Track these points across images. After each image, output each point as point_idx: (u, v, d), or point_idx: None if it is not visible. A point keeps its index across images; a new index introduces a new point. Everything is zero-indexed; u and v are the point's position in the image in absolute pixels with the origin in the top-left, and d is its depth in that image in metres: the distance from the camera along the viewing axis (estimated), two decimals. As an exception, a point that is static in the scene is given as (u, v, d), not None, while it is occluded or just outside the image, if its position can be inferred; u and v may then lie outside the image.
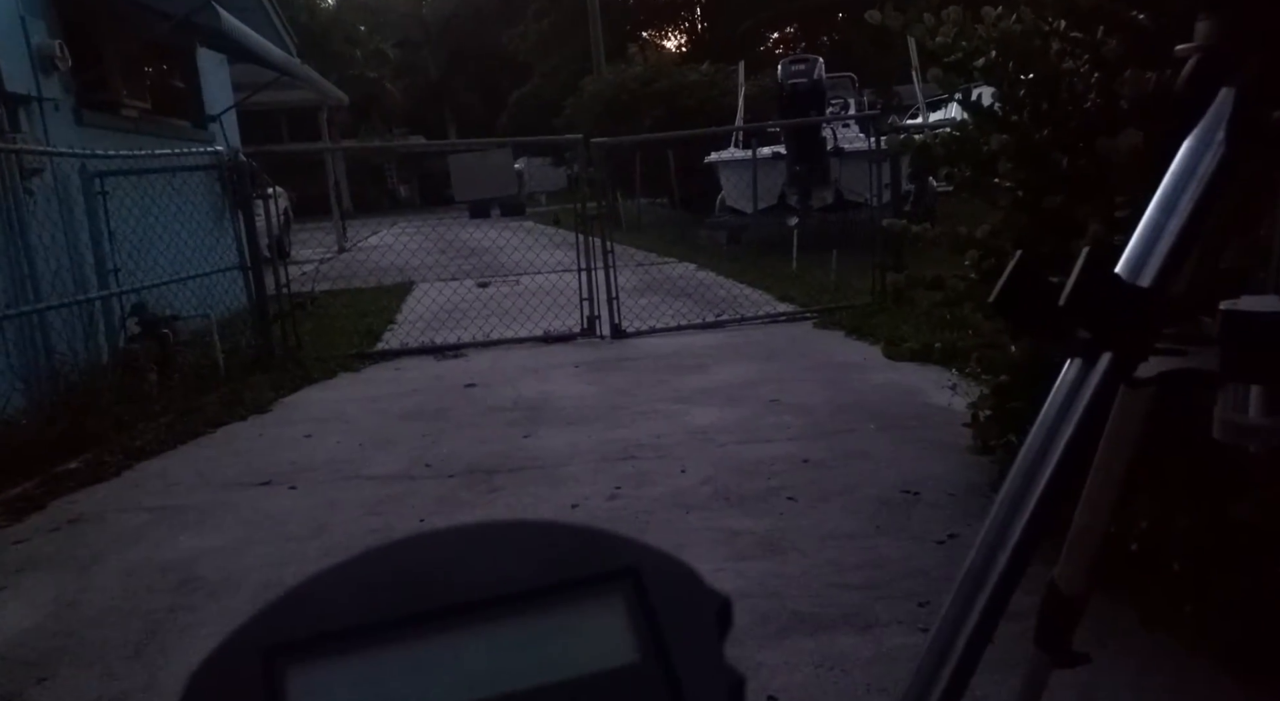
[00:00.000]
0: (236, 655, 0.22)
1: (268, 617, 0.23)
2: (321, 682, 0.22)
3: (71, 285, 5.16)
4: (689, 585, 0.24)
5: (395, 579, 0.24)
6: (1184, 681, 2.00)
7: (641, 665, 0.22)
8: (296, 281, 6.57)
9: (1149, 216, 0.67)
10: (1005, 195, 2.52)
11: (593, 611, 0.23)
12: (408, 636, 0.23)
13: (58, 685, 2.26)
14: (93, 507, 3.52)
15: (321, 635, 0.22)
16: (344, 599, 0.23)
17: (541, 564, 0.24)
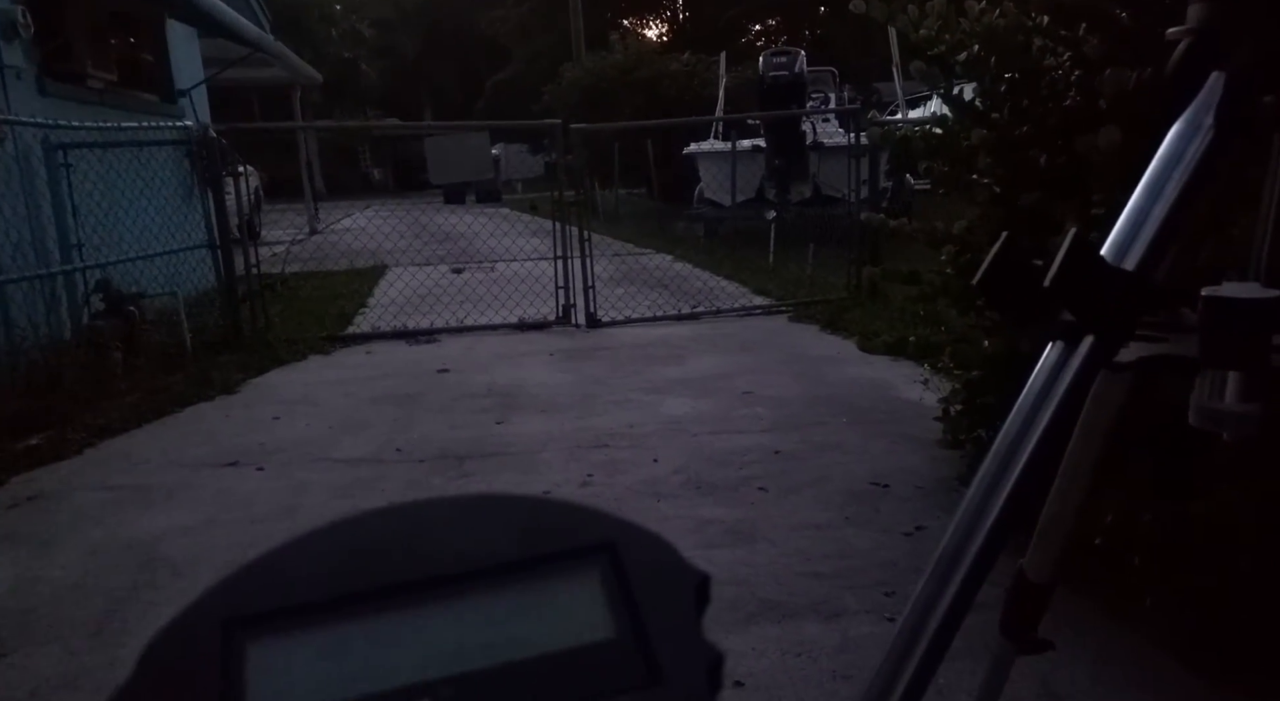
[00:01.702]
0: (195, 626, 0.21)
1: (228, 589, 0.22)
2: (282, 657, 0.21)
3: (33, 259, 5.05)
4: (667, 561, 0.23)
5: (362, 551, 0.23)
6: (1142, 672, 2.04)
7: (617, 641, 0.22)
8: (266, 262, 6.48)
9: (1135, 200, 0.67)
10: (982, 191, 2.54)
11: (567, 586, 0.23)
12: (373, 611, 0.22)
13: (17, 662, 2.22)
14: (54, 485, 3.46)
15: (283, 608, 0.21)
16: (307, 571, 0.22)
17: (515, 537, 0.23)
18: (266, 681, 0.20)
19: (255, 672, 0.20)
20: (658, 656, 0.21)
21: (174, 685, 0.20)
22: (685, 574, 0.23)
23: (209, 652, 0.21)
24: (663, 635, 0.22)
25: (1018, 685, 1.87)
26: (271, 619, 0.21)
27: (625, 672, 0.21)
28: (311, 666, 0.21)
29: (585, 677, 0.21)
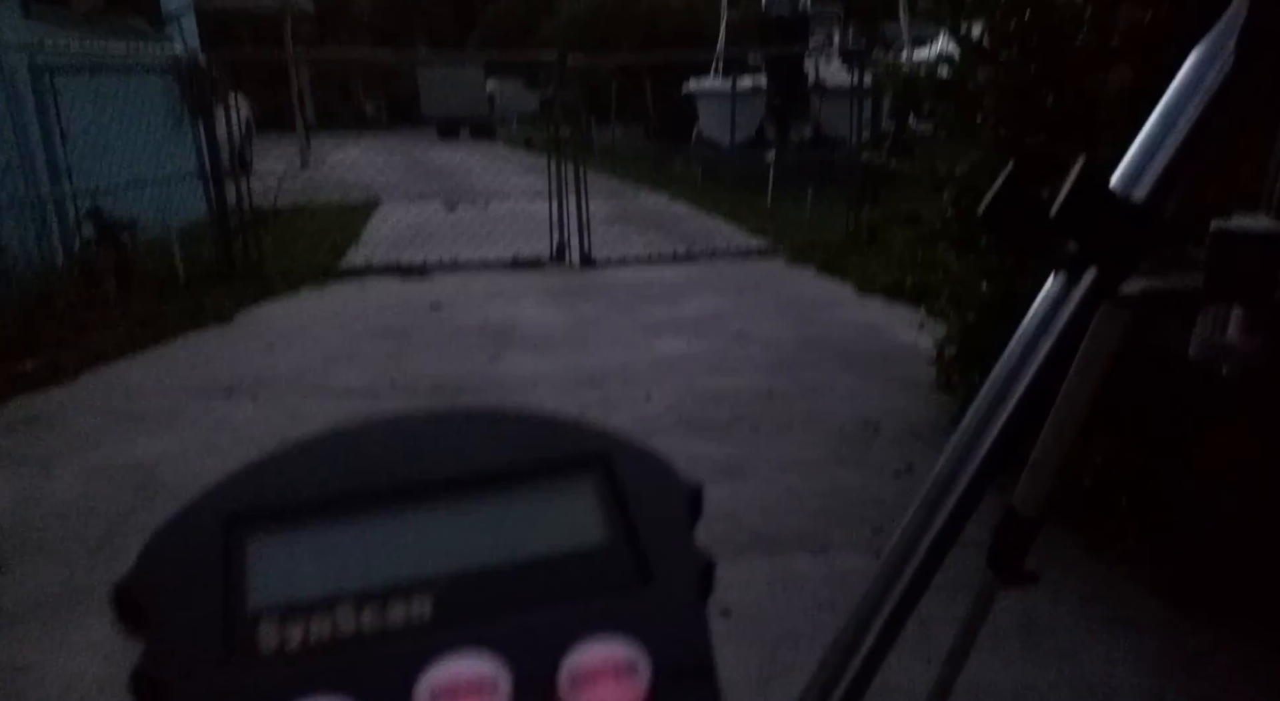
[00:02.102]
0: (197, 521, 0.22)
1: (229, 487, 0.22)
2: (282, 552, 0.21)
3: (22, 183, 4.98)
4: (660, 472, 0.24)
5: (362, 455, 0.23)
6: (1124, 609, 2.09)
7: (611, 545, 0.22)
8: (258, 194, 6.39)
9: (1148, 130, 0.66)
10: (987, 133, 2.51)
11: (562, 494, 0.23)
12: (373, 511, 0.22)
13: (19, 576, 2.25)
14: (50, 409, 3.46)
15: (283, 506, 0.22)
16: (307, 473, 0.23)
17: (512, 448, 0.24)
18: (268, 574, 0.21)
19: (256, 566, 0.21)
20: (650, 560, 0.22)
21: (177, 576, 0.21)
22: (678, 484, 0.24)
23: (211, 546, 0.21)
24: (655, 540, 0.22)
25: (1001, 618, 1.92)
26: (272, 515, 0.22)
27: (618, 575, 0.22)
28: (311, 561, 0.21)
29: (579, 578, 0.22)
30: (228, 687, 0.19)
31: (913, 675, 1.78)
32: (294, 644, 0.20)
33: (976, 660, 1.57)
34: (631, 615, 0.21)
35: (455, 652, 0.20)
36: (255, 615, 0.20)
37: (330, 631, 0.20)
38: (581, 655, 0.20)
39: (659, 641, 0.20)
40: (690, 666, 0.21)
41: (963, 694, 1.69)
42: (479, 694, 0.19)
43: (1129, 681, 1.84)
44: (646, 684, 0.20)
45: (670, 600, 0.21)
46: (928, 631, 1.94)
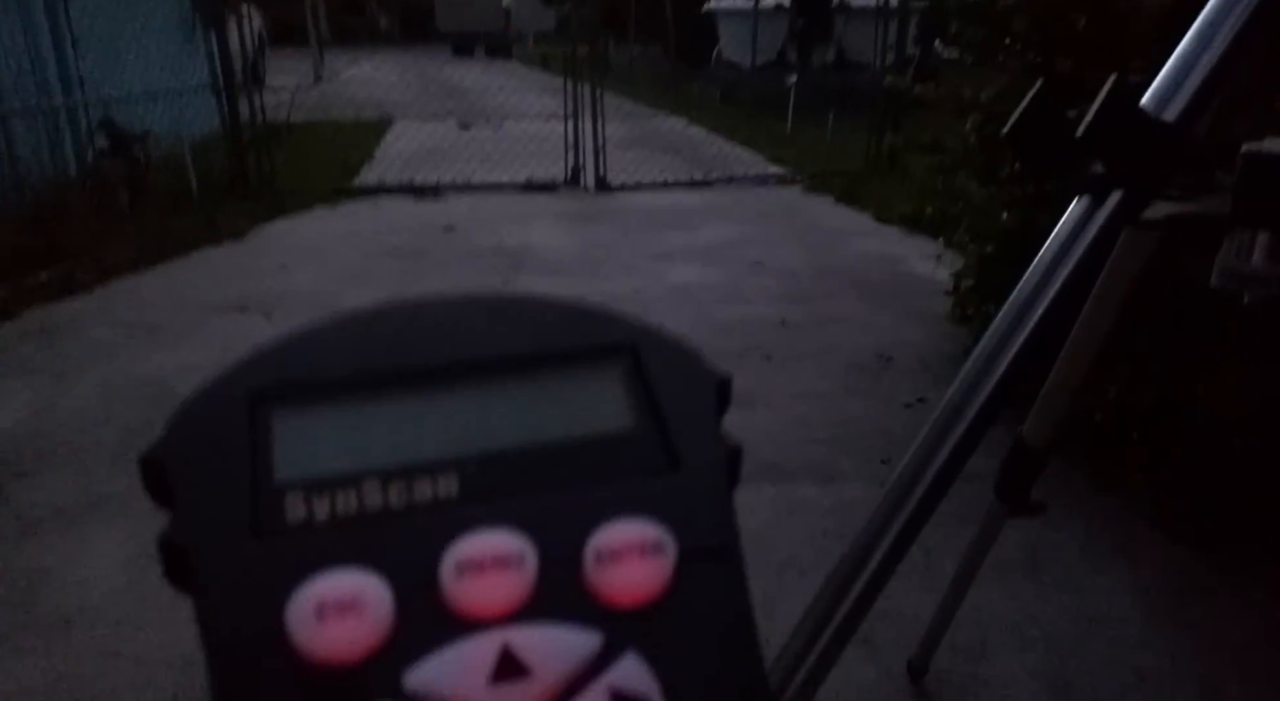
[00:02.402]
0: (222, 395, 0.21)
1: (255, 363, 0.22)
2: (308, 428, 0.21)
3: (34, 91, 4.92)
4: (688, 362, 0.24)
5: (390, 336, 0.23)
6: (1127, 541, 2.11)
7: (638, 431, 0.22)
8: (271, 110, 6.31)
9: (1182, 48, 0.64)
10: (1015, 58, 2.44)
11: (591, 380, 0.23)
12: (399, 391, 0.22)
13: (38, 482, 2.30)
14: (66, 320, 3.49)
15: (310, 383, 0.22)
16: (334, 351, 0.22)
17: (542, 333, 0.23)
18: (293, 449, 0.21)
19: (282, 440, 0.21)
20: (677, 447, 0.22)
21: (203, 448, 0.20)
22: (706, 374, 0.23)
23: (237, 420, 0.21)
24: (682, 428, 0.22)
25: (1005, 548, 1.94)
26: (298, 392, 0.22)
27: (645, 460, 0.22)
28: (337, 438, 0.21)
29: (606, 462, 0.21)
30: (254, 556, 0.19)
31: (916, 602, 1.81)
32: (320, 517, 0.20)
33: (979, 589, 1.59)
34: (658, 499, 0.21)
35: (481, 528, 0.20)
36: (281, 488, 0.20)
37: (356, 506, 0.20)
38: (607, 534, 0.20)
39: (685, 524, 0.20)
40: (716, 549, 0.21)
41: (965, 621, 1.73)
42: (505, 568, 0.19)
43: (1128, 612, 1.87)
44: (672, 563, 0.20)
45: (697, 486, 0.21)
46: (931, 561, 1.97)
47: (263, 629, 0.18)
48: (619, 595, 0.19)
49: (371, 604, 0.18)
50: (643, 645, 0.19)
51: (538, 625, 0.19)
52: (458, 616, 0.19)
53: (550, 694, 0.18)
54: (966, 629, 1.77)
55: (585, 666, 0.18)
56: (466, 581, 0.19)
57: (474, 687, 0.18)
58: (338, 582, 0.18)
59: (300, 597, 0.18)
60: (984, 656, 1.74)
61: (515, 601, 0.19)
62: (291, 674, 0.18)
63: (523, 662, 0.18)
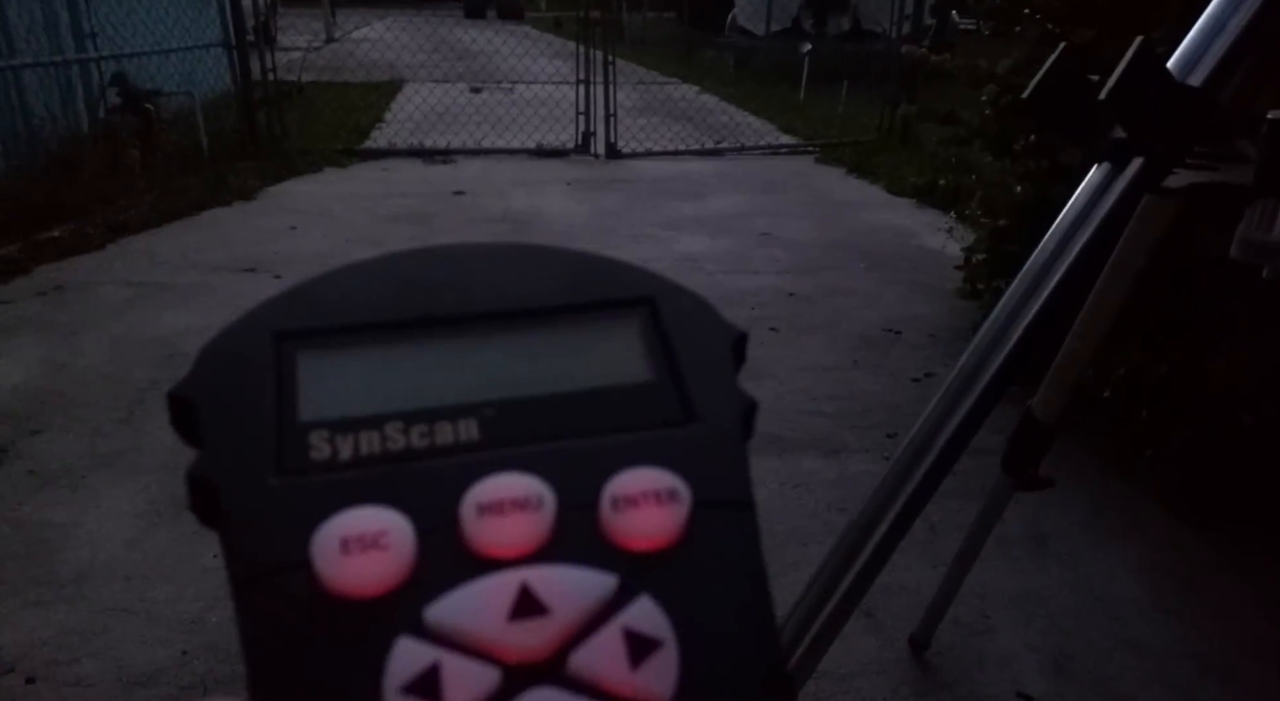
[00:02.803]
0: (248, 335, 0.22)
1: (280, 304, 0.22)
2: (332, 370, 0.22)
3: (46, 44, 4.89)
4: (706, 316, 0.24)
5: (414, 282, 0.23)
6: (1132, 519, 2.11)
7: (655, 383, 0.22)
8: (283, 69, 6.26)
9: (1211, 10, 0.62)
10: (1034, 28, 2.40)
11: (609, 331, 0.23)
12: (422, 337, 0.22)
13: (50, 438, 2.32)
14: (77, 277, 3.50)
15: (335, 326, 0.22)
16: (358, 295, 0.23)
17: (563, 284, 0.24)
18: (318, 390, 0.21)
19: (306, 381, 0.21)
20: (693, 399, 0.22)
21: (229, 386, 0.21)
22: (724, 329, 0.24)
23: (263, 360, 0.21)
24: (699, 381, 0.22)
25: (1009, 524, 1.95)
26: (323, 334, 0.22)
27: (662, 411, 0.22)
28: (361, 381, 0.22)
29: (623, 412, 0.22)
30: (279, 493, 0.19)
31: (919, 576, 1.82)
32: (344, 455, 0.20)
33: (982, 565, 1.60)
34: (674, 449, 0.21)
35: (501, 472, 0.20)
36: (306, 426, 0.21)
37: (379, 446, 0.20)
38: (623, 481, 0.20)
39: (700, 474, 0.21)
40: (730, 499, 0.21)
41: (968, 595, 1.74)
42: (524, 510, 0.19)
43: (1131, 590, 1.87)
44: (687, 511, 0.20)
45: (712, 437, 0.22)
46: (936, 536, 1.98)
47: (288, 562, 0.18)
48: (634, 540, 0.20)
49: (394, 540, 0.19)
50: (657, 588, 0.19)
51: (556, 566, 0.19)
52: (477, 555, 0.19)
53: (567, 631, 0.18)
54: (969, 603, 1.78)
55: (601, 607, 0.19)
56: (486, 522, 0.19)
57: (493, 623, 0.18)
58: (362, 518, 0.19)
59: (325, 532, 0.19)
60: (986, 631, 1.75)
61: (534, 542, 0.19)
62: (315, 605, 0.18)
63: (541, 601, 0.18)
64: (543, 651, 0.18)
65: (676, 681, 0.18)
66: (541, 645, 0.18)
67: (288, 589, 0.18)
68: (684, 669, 0.18)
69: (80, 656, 1.59)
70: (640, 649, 0.18)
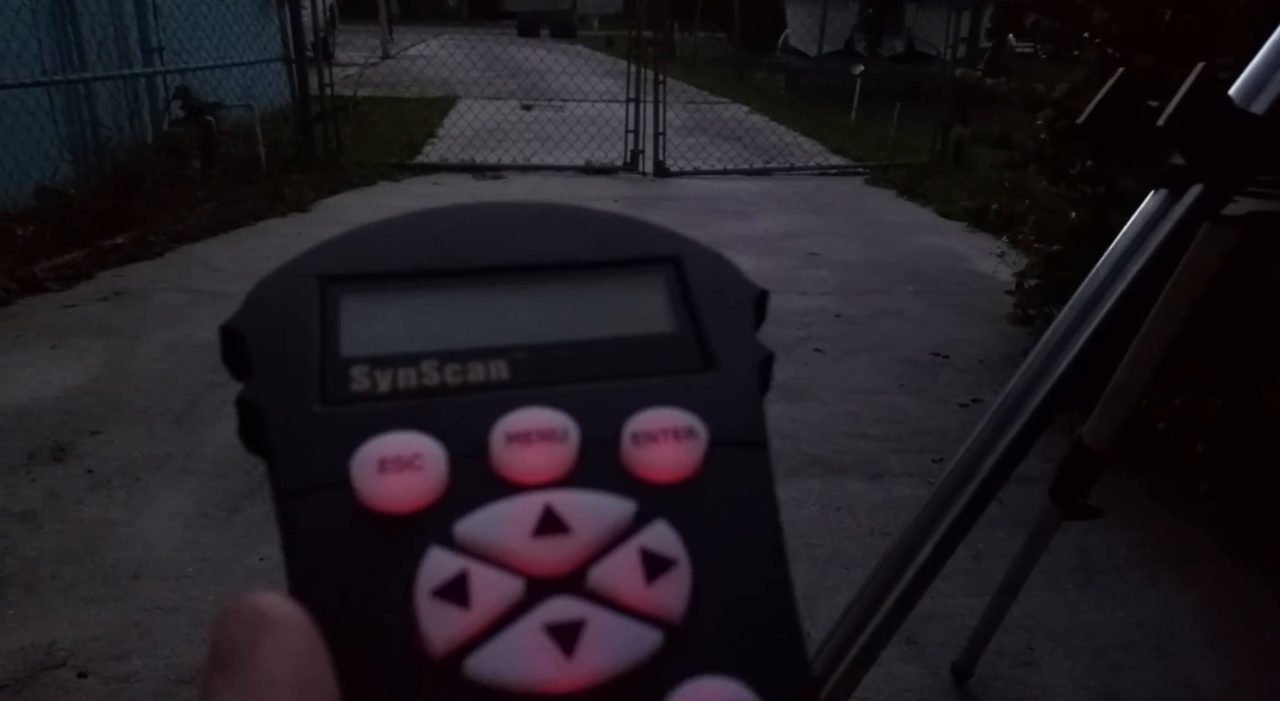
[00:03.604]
0: (294, 278, 0.23)
1: (325, 251, 0.24)
2: (373, 311, 0.23)
3: (116, 59, 5.07)
4: (729, 274, 0.25)
5: (450, 234, 0.25)
6: (1184, 555, 2.05)
7: (678, 334, 0.24)
8: (340, 83, 6.40)
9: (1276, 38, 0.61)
10: (1093, 51, 2.36)
11: (634, 285, 0.25)
12: (458, 285, 0.24)
13: (108, 438, 2.38)
14: (138, 283, 3.60)
15: (375, 272, 0.24)
16: (397, 245, 0.24)
17: (592, 240, 0.25)
18: (359, 328, 0.23)
19: (349, 320, 0.23)
20: (713, 349, 0.23)
21: (277, 322, 0.22)
22: (746, 286, 0.25)
23: (308, 300, 0.23)
24: (719, 333, 0.24)
25: (1056, 555, 1.90)
26: (363, 279, 0.24)
27: (683, 359, 0.23)
28: (399, 322, 0.23)
29: (646, 358, 0.23)
30: (322, 419, 0.21)
31: (963, 604, 1.79)
32: (383, 387, 0.22)
33: (1028, 595, 1.57)
34: (693, 392, 0.22)
35: (529, 407, 0.21)
36: (348, 361, 0.22)
37: (416, 380, 0.22)
38: (644, 419, 0.21)
39: (717, 417, 0.22)
40: (745, 440, 0.22)
41: (1013, 626, 1.70)
42: (550, 441, 0.21)
43: (1185, 626, 1.82)
44: (703, 448, 0.21)
45: (730, 384, 0.23)
46: (980, 564, 1.94)
47: (329, 480, 0.20)
48: (653, 472, 0.21)
49: (428, 462, 0.20)
50: (673, 516, 0.20)
51: (578, 491, 0.20)
52: (505, 479, 0.20)
53: (587, 549, 0.19)
54: (1014, 634, 1.74)
55: (620, 528, 0.20)
56: (514, 449, 0.20)
57: (518, 539, 0.19)
58: (398, 441, 0.20)
59: (364, 453, 0.20)
60: (1030, 663, 1.71)
61: (558, 469, 0.20)
62: (354, 518, 0.19)
63: (563, 520, 0.20)
64: (564, 565, 0.19)
65: (689, 597, 0.19)
66: (562, 559, 0.19)
67: (329, 504, 0.19)
68: (696, 586, 0.19)
69: (130, 653, 1.63)
70: (655, 566, 0.19)
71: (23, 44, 4.15)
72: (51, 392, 2.62)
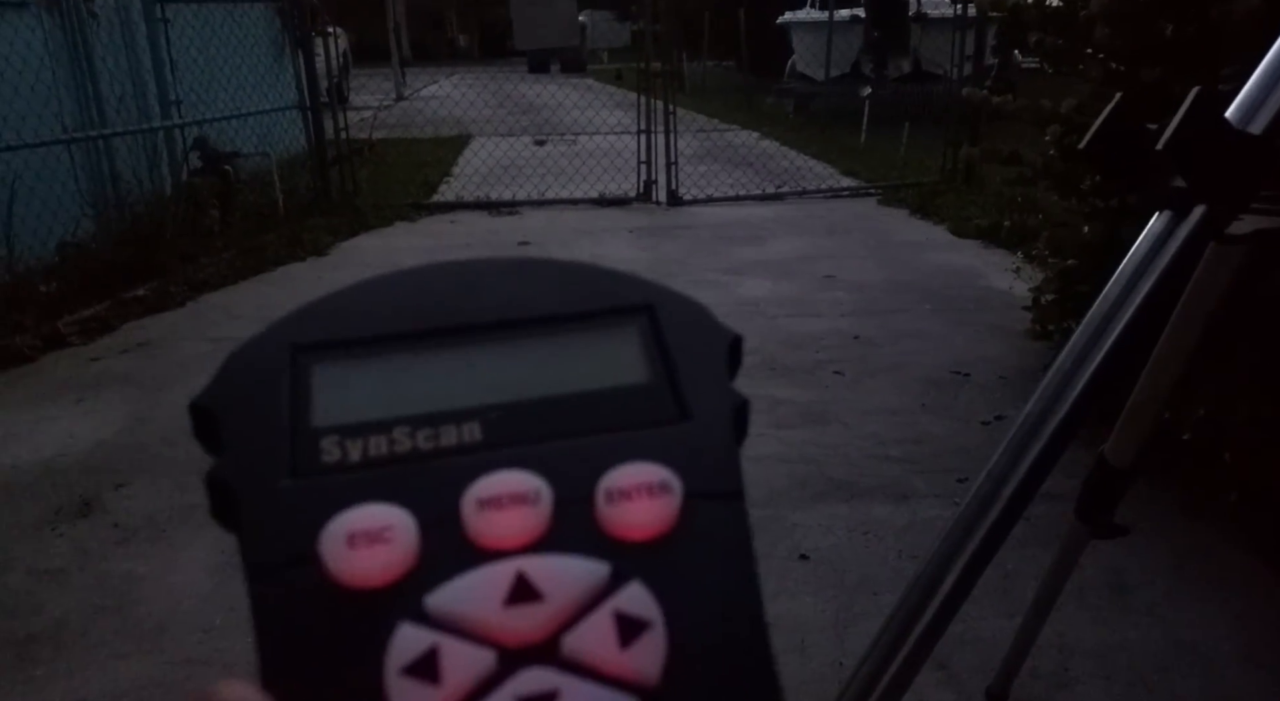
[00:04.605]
0: (265, 349, 0.23)
1: (295, 320, 0.24)
2: (344, 379, 0.23)
3: (135, 113, 5.18)
4: (702, 321, 0.25)
5: (421, 295, 0.25)
6: (1221, 569, 2.01)
7: (652, 385, 0.23)
8: (354, 127, 6.51)
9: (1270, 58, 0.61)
10: (1097, 67, 2.37)
11: (608, 337, 0.25)
12: (429, 347, 0.24)
13: (134, 492, 2.41)
14: (160, 334, 3.65)
15: (346, 338, 0.24)
16: (369, 309, 0.24)
17: (564, 293, 0.25)
18: (330, 398, 0.22)
19: (320, 390, 0.23)
20: (688, 398, 0.23)
21: (247, 395, 0.22)
22: (719, 332, 0.25)
23: (279, 371, 0.23)
24: (693, 381, 0.23)
25: (1088, 572, 1.88)
26: (335, 346, 0.23)
27: (657, 411, 0.23)
28: (371, 389, 0.23)
29: (620, 411, 0.23)
30: (292, 493, 0.21)
31: (995, 628, 1.76)
32: (353, 457, 0.21)
33: (1061, 614, 1.54)
34: (667, 445, 0.22)
35: (501, 469, 0.21)
36: (318, 432, 0.22)
37: (388, 448, 0.22)
38: (618, 475, 0.21)
39: (692, 469, 0.22)
40: (721, 493, 0.22)
41: (1046, 646, 1.68)
42: (522, 504, 0.20)
43: (1221, 641, 1.78)
44: (678, 503, 0.21)
45: (705, 435, 0.23)
46: (1011, 585, 1.91)
47: (298, 556, 0.20)
48: (627, 530, 0.21)
49: (397, 533, 0.20)
50: (648, 575, 0.20)
51: (551, 555, 0.20)
52: (477, 547, 0.20)
53: (560, 616, 0.19)
54: (1048, 655, 1.71)
55: (593, 592, 0.20)
56: (486, 515, 0.20)
57: (490, 609, 0.19)
58: (367, 514, 0.20)
59: (332, 527, 0.20)
60: (1066, 684, 1.68)
61: (530, 534, 0.20)
62: (324, 596, 0.19)
63: (535, 587, 0.19)
64: (537, 634, 0.19)
65: (664, 660, 0.19)
66: (535, 628, 0.19)
67: (298, 581, 0.19)
68: (672, 648, 0.19)
69: (160, 705, 1.64)
70: (630, 630, 0.19)
71: (44, 103, 4.25)
72: (77, 447, 2.65)
